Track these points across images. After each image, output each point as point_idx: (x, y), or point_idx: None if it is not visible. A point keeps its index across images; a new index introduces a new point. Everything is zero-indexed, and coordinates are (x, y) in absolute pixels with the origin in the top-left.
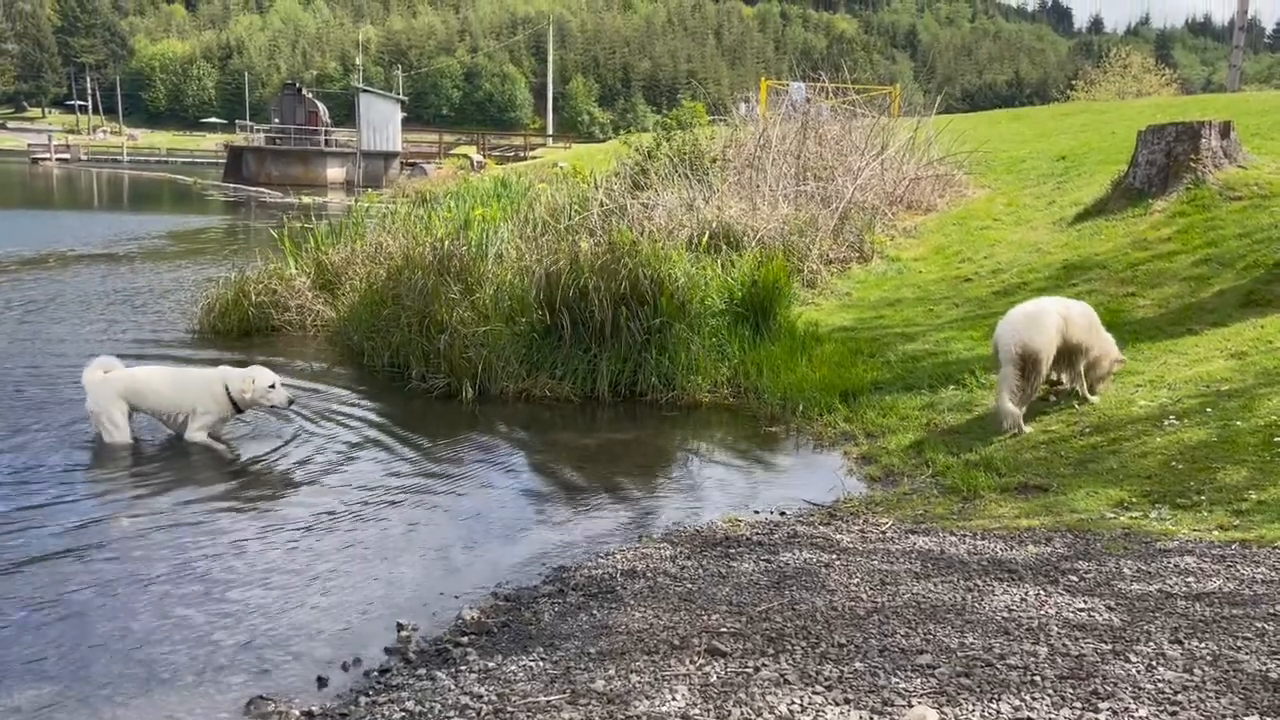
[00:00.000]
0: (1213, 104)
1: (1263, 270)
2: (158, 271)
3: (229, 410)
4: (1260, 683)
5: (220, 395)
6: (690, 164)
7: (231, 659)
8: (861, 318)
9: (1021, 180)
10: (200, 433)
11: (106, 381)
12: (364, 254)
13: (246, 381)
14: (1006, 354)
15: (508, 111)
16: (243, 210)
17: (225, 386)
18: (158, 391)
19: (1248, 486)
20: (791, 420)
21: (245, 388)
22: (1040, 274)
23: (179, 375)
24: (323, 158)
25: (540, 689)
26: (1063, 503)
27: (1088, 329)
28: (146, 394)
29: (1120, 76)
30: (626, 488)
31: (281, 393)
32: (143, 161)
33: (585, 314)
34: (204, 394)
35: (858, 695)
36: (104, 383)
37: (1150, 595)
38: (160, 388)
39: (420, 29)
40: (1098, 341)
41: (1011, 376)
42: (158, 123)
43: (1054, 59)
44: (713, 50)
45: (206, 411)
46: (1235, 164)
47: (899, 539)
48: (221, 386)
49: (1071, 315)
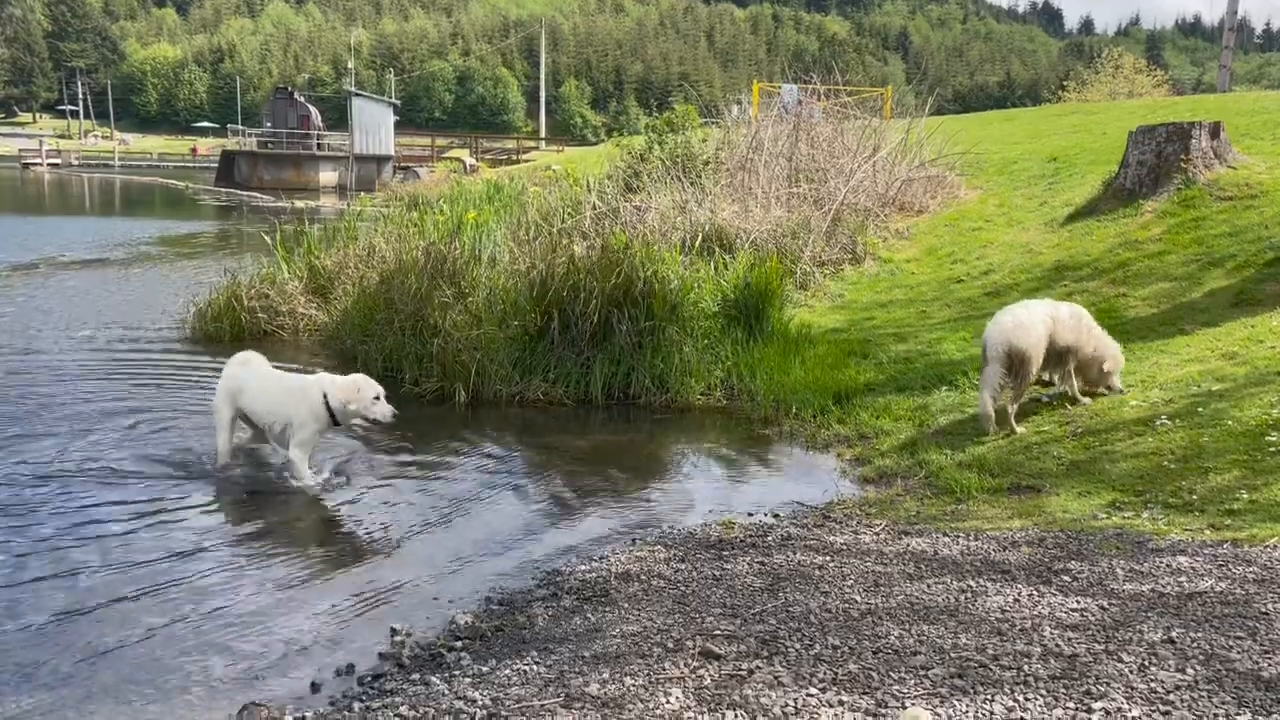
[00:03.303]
0: (1203, 104)
1: (1253, 270)
2: (149, 276)
3: (327, 423)
4: (1252, 681)
5: (318, 406)
6: (683, 167)
7: (223, 665)
8: (854, 319)
9: (1013, 181)
10: (300, 452)
11: (225, 378)
12: (356, 258)
13: (350, 390)
14: (993, 353)
15: (500, 115)
16: (235, 214)
17: (324, 396)
18: (259, 395)
19: (1239, 486)
20: (784, 422)
21: (349, 398)
22: (1031, 275)
23: (281, 380)
24: (315, 161)
25: (534, 693)
26: (1055, 503)
27: (1077, 330)
28: (249, 396)
29: (1112, 77)
30: (620, 491)
31: (385, 406)
32: (134, 166)
33: (578, 317)
34: (300, 405)
35: (852, 697)
36: (224, 379)
37: (1143, 595)
38: (262, 391)
39: (412, 32)
40: (1091, 342)
41: (994, 376)
42: (149, 127)
43: (1045, 60)
44: (705, 52)
45: (304, 425)
46: (1225, 164)
47: (892, 540)
48: (320, 396)
49: (1060, 316)
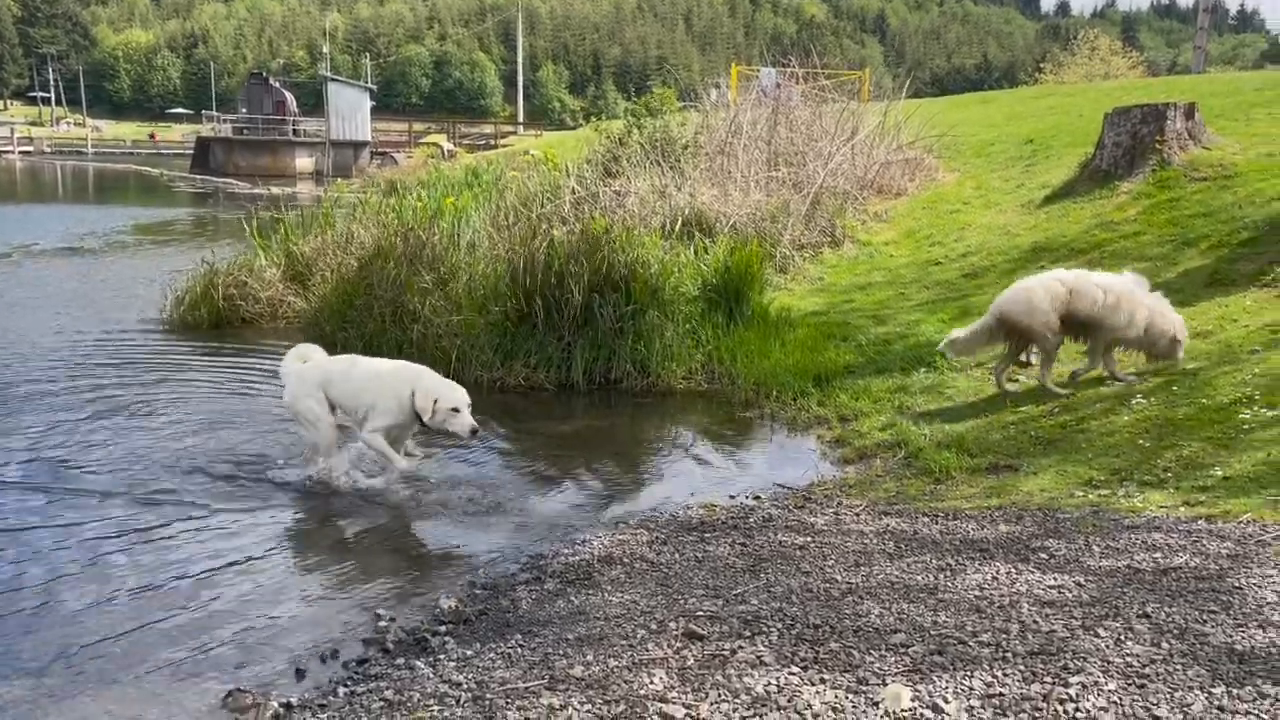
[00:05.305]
0: (1178, 86)
1: (1227, 250)
2: (124, 264)
3: (410, 418)
4: (1225, 654)
5: (405, 398)
6: (662, 151)
7: (208, 651)
8: (833, 302)
9: (990, 163)
10: (375, 435)
11: (304, 373)
12: (335, 244)
13: (428, 400)
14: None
15: (478, 99)
16: (211, 201)
17: (413, 392)
18: (348, 383)
19: (1212, 462)
20: (765, 405)
21: (425, 407)
22: (1009, 256)
23: (371, 366)
24: (291, 147)
25: (519, 675)
26: (1033, 482)
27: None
28: (338, 384)
29: (1088, 59)
30: (602, 475)
31: (466, 419)
32: (107, 153)
33: (559, 301)
34: (386, 392)
35: (833, 675)
36: (301, 374)
37: (1119, 571)
38: (351, 379)
39: (388, 16)
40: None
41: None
42: (122, 114)
43: (1022, 42)
44: (683, 36)
45: (385, 412)
46: (1200, 145)
47: (872, 520)
48: (409, 391)
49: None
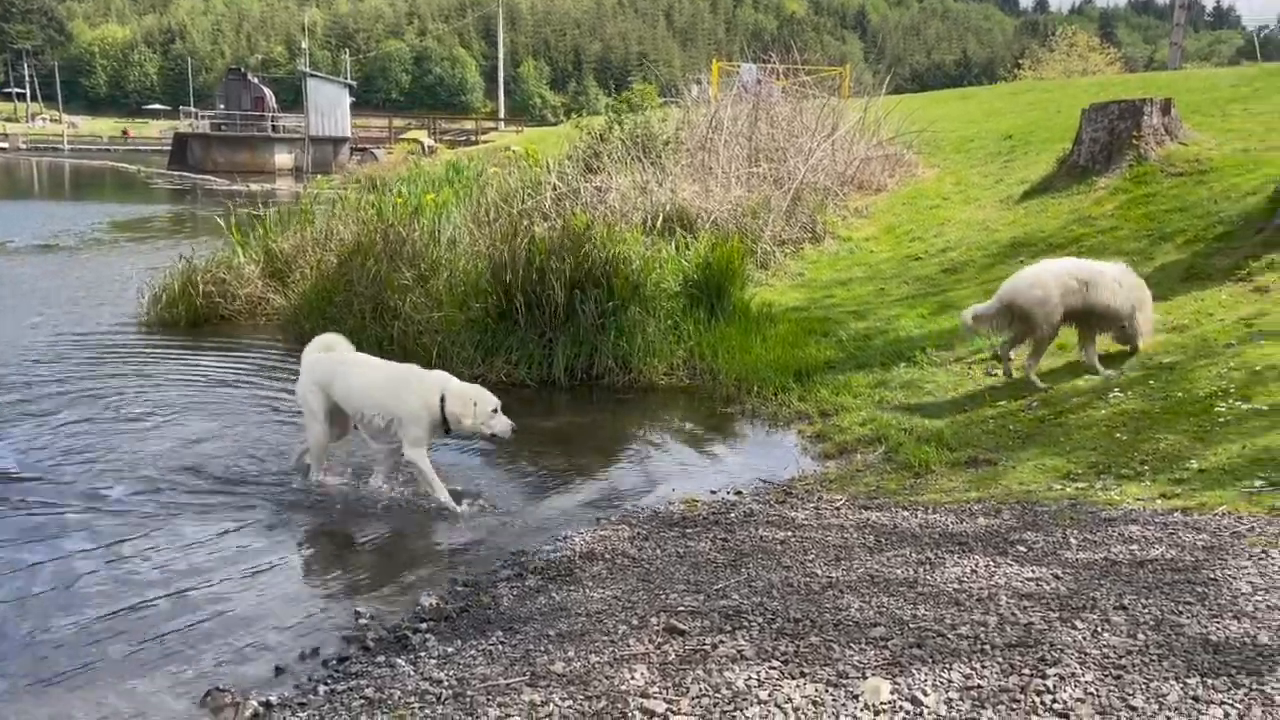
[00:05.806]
0: (1154, 82)
1: (1203, 244)
2: (101, 262)
3: (438, 424)
4: (1201, 645)
5: (434, 405)
6: (643, 147)
7: (187, 650)
8: (814, 297)
9: (970, 159)
10: (418, 451)
11: (314, 364)
12: (314, 241)
13: (466, 404)
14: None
15: (458, 95)
16: (188, 198)
17: (442, 398)
18: (362, 385)
19: (1188, 455)
20: (747, 400)
21: (464, 412)
22: (988, 251)
23: (392, 370)
24: (270, 143)
25: (500, 672)
26: (1011, 475)
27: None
28: (347, 384)
29: (1066, 55)
30: (584, 471)
31: (506, 418)
32: (84, 150)
33: (540, 298)
34: (413, 399)
35: (813, 669)
36: (311, 366)
37: (1096, 563)
38: (366, 381)
39: (367, 12)
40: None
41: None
42: (99, 109)
43: (1001, 38)
44: (664, 32)
45: (417, 420)
46: (1176, 140)
47: (852, 515)
48: (437, 397)
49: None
